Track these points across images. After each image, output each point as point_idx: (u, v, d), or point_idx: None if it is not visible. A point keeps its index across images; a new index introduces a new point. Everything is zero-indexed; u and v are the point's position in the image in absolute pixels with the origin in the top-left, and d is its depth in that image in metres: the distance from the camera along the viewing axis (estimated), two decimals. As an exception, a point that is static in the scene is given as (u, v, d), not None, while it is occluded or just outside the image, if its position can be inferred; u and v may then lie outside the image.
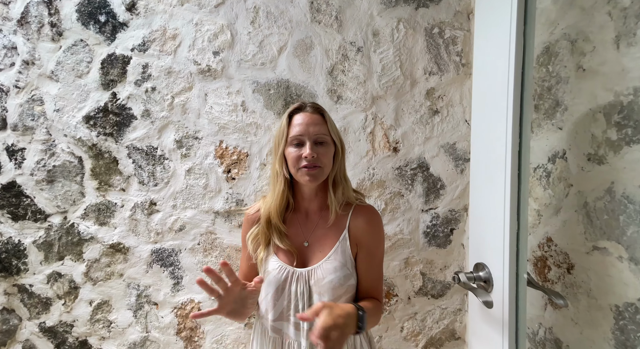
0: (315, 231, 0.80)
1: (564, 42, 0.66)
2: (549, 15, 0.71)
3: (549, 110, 0.71)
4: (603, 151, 0.57)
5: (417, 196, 1.18)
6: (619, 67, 0.54)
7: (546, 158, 0.72)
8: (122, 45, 1.19)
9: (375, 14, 1.14)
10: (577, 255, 0.63)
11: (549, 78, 0.71)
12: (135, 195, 1.22)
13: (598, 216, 0.58)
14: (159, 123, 1.20)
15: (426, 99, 1.16)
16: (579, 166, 0.63)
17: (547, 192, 0.71)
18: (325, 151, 0.74)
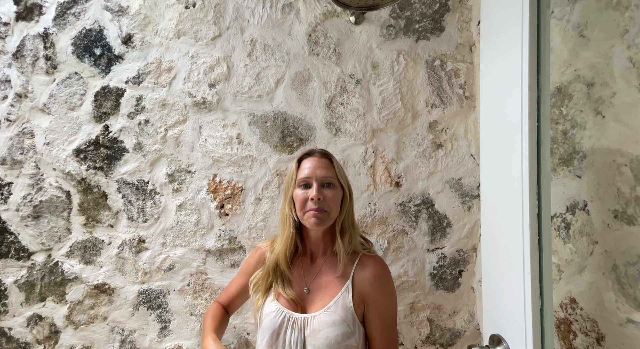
0: (318, 277, 0.78)
1: (579, 85, 0.61)
2: (560, 54, 0.66)
3: (564, 155, 0.65)
4: (633, 210, 0.51)
5: (422, 235, 1.10)
6: (645, 116, 0.49)
7: (564, 207, 0.65)
8: (116, 78, 1.16)
9: (375, 46, 1.12)
10: (608, 325, 0.55)
11: (563, 121, 0.65)
12: (123, 232, 1.15)
13: (631, 284, 0.51)
14: (151, 156, 1.15)
15: (429, 132, 1.11)
16: (604, 222, 0.56)
17: (568, 246, 0.64)
18: (332, 194, 0.75)
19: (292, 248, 0.79)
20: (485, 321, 0.68)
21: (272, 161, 1.15)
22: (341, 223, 0.77)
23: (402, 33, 1.11)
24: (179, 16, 1.15)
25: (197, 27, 1.15)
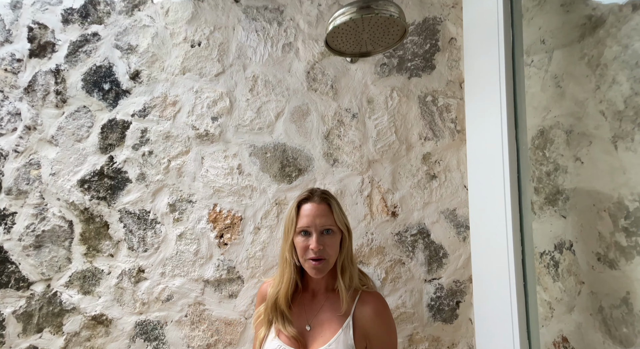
0: (319, 314, 0.79)
1: (558, 131, 0.65)
2: (541, 100, 0.71)
3: (549, 195, 0.68)
4: (614, 254, 0.53)
5: (419, 265, 1.12)
6: (620, 168, 0.52)
7: (552, 245, 0.68)
8: (123, 111, 1.21)
9: (369, 83, 1.18)
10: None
11: (546, 163, 0.69)
12: (123, 261, 1.17)
13: (616, 326, 0.53)
14: (153, 186, 1.19)
15: (423, 164, 1.15)
16: (589, 264, 0.59)
17: (557, 284, 0.66)
18: (331, 241, 0.77)
19: (292, 289, 0.81)
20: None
21: (272, 190, 1.18)
22: (342, 262, 0.79)
23: (395, 71, 1.17)
24: (185, 54, 1.22)
25: (201, 64, 1.21)
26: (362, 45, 0.80)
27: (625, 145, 0.51)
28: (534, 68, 0.73)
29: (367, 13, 0.63)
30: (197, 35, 1.22)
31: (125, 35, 1.23)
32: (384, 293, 1.11)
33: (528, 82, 0.75)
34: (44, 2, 1.26)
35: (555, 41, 0.67)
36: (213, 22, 1.22)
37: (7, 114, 1.22)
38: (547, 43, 0.70)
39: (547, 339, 0.70)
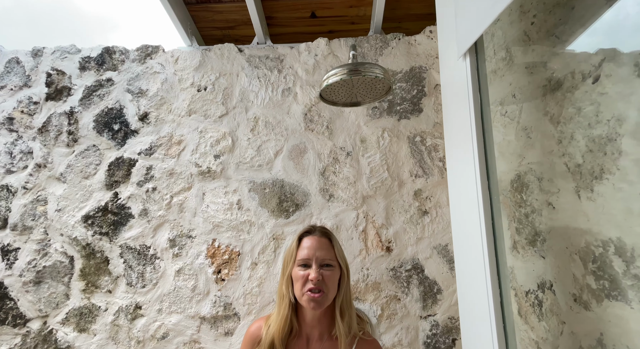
0: None
1: (531, 177, 0.72)
2: (515, 147, 0.78)
3: (529, 236, 0.73)
4: (587, 296, 0.57)
5: (415, 301, 1.13)
6: (585, 216, 0.57)
7: (535, 284, 0.71)
8: (130, 150, 1.29)
9: (362, 124, 1.26)
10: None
11: (524, 205, 0.74)
12: (121, 297, 1.17)
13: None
14: (155, 222, 1.22)
15: (414, 200, 1.20)
16: (567, 305, 0.62)
17: (542, 324, 0.69)
18: (330, 274, 0.75)
19: (287, 329, 0.77)
20: None
21: (269, 225, 1.22)
22: (340, 304, 0.76)
23: (386, 113, 1.27)
24: (192, 97, 1.31)
25: (207, 106, 1.31)
26: (353, 97, 0.88)
27: (586, 195, 0.57)
28: (507, 118, 0.81)
29: (356, 75, 0.72)
30: (203, 81, 1.33)
31: (137, 80, 1.34)
32: (381, 330, 1.11)
33: (504, 130, 0.83)
34: (63, 51, 1.38)
35: (524, 96, 0.75)
36: (219, 69, 1.33)
37: (19, 153, 1.29)
38: (517, 97, 0.78)
39: (538, 380, 0.71)
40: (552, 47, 0.66)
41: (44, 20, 2.28)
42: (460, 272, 0.77)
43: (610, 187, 0.52)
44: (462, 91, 0.70)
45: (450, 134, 0.82)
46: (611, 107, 0.52)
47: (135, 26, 1.51)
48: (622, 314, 0.51)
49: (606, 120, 0.53)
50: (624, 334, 0.51)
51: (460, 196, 0.75)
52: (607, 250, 0.53)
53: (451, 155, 0.82)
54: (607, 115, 0.53)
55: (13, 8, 2.28)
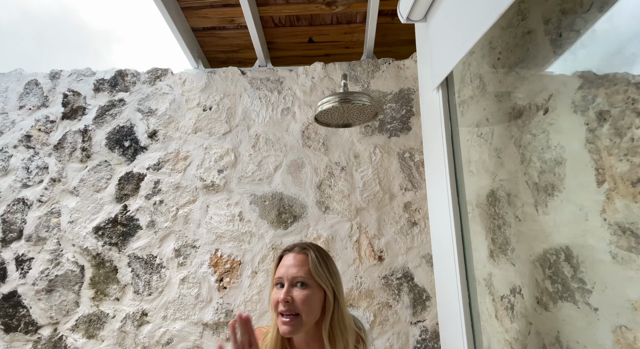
0: None
1: (502, 192, 0.80)
2: (489, 166, 0.87)
3: (502, 246, 0.81)
4: (546, 298, 0.65)
5: (405, 307, 1.20)
6: (542, 228, 0.66)
7: (508, 290, 0.79)
8: (139, 165, 1.38)
9: (356, 141, 1.36)
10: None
11: (497, 217, 0.83)
12: (128, 305, 1.24)
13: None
14: (161, 233, 1.30)
15: (404, 212, 1.29)
16: (532, 307, 0.69)
17: (514, 325, 0.76)
18: (303, 295, 0.66)
19: (280, 344, 0.69)
20: None
21: (269, 236, 1.30)
22: (328, 329, 0.68)
23: (377, 131, 1.37)
24: (197, 116, 1.42)
25: (211, 125, 1.41)
26: (345, 119, 0.98)
27: (542, 210, 0.65)
28: (482, 139, 0.90)
29: (346, 103, 0.82)
30: (208, 101, 1.43)
31: (147, 100, 1.44)
32: (373, 335, 1.18)
33: (480, 150, 0.92)
34: (79, 73, 1.49)
35: (495, 120, 0.85)
36: (223, 91, 1.44)
37: (35, 168, 1.38)
38: (489, 121, 0.88)
39: (513, 378, 0.78)
40: (514, 80, 0.76)
41: (50, 34, 2.42)
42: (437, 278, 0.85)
43: (559, 203, 0.61)
44: (436, 118, 0.80)
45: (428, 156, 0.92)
46: (557, 136, 0.61)
47: (144, 47, 1.62)
48: (572, 314, 0.59)
49: (554, 146, 0.62)
50: (575, 331, 0.58)
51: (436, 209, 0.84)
52: (559, 257, 0.62)
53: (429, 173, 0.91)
54: (554, 142, 0.62)
55: (20, 21, 2.42)
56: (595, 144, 0.52)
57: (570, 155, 0.58)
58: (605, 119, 0.50)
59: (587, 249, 0.55)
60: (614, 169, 0.49)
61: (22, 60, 1.36)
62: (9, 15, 1.89)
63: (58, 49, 1.86)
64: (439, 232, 0.84)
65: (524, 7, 0.72)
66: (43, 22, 1.83)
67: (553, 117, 0.62)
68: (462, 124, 1.02)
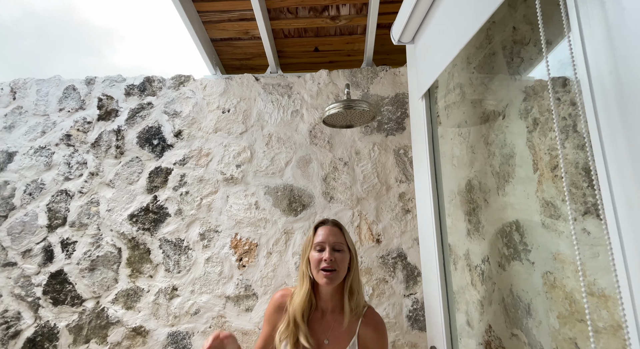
0: (332, 331, 0.92)
1: (475, 181, 0.99)
2: (467, 159, 1.06)
3: (476, 225, 1.00)
4: (503, 261, 0.84)
5: (399, 282, 1.39)
6: (501, 208, 0.85)
7: (480, 260, 0.98)
8: (167, 160, 1.57)
9: (357, 139, 1.55)
10: (506, 340, 0.84)
11: (472, 201, 1.02)
12: (160, 281, 1.44)
13: (508, 310, 0.81)
14: (188, 220, 1.50)
15: (399, 201, 1.48)
16: (495, 270, 0.88)
17: (483, 287, 0.95)
18: (341, 257, 0.90)
19: (308, 304, 0.90)
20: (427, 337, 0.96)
21: (281, 222, 1.49)
22: (350, 284, 0.90)
23: (376, 130, 1.56)
24: (217, 118, 1.61)
25: (230, 125, 1.60)
26: (348, 121, 1.17)
27: (502, 193, 0.84)
28: (462, 138, 1.09)
29: (348, 108, 1.01)
30: (227, 104, 1.62)
31: (172, 104, 1.63)
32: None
33: (460, 147, 1.11)
34: (112, 80, 1.68)
35: (471, 122, 1.04)
36: (239, 95, 1.63)
37: (76, 164, 1.58)
38: (467, 123, 1.07)
39: (481, 329, 0.97)
40: (483, 91, 0.95)
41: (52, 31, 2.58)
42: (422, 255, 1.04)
43: (512, 187, 0.80)
44: (421, 122, 0.99)
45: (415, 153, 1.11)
46: (510, 136, 0.80)
47: (148, 46, 1.81)
48: (519, 269, 0.78)
49: (508, 144, 0.81)
50: (521, 282, 0.78)
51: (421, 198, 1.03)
52: (512, 228, 0.81)
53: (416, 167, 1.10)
54: (508, 140, 0.81)
55: (22, 19, 2.59)
56: (532, 142, 0.71)
57: (518, 151, 0.77)
58: (537, 124, 0.69)
59: (528, 220, 0.75)
60: (542, 160, 0.68)
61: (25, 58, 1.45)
62: (11, 13, 2.02)
63: (60, 46, 1.98)
64: (423, 217, 1.03)
65: (491, 33, 0.90)
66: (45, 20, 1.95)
67: (508, 122, 0.81)
68: (447, 125, 1.21)
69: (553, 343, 0.65)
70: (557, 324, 0.63)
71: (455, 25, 0.74)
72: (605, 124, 0.36)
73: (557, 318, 0.63)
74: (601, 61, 0.37)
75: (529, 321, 0.74)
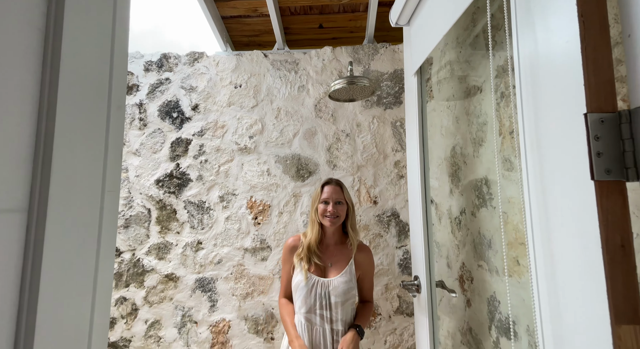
0: (333, 257, 1.24)
1: (458, 147, 1.17)
2: (452, 130, 1.23)
3: (456, 183, 1.20)
4: (474, 209, 1.04)
5: (392, 237, 1.62)
6: (475, 167, 1.04)
7: (459, 212, 1.19)
8: (186, 132, 1.74)
9: (358, 112, 1.71)
10: (474, 271, 1.06)
11: (454, 163, 1.21)
12: (186, 236, 1.67)
13: (476, 247, 1.03)
14: (208, 184, 1.70)
15: (394, 168, 1.67)
16: (469, 218, 1.09)
17: (460, 234, 1.17)
18: (341, 208, 1.23)
19: (319, 239, 1.23)
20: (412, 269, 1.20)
21: (290, 187, 1.69)
22: (349, 225, 1.25)
23: (375, 104, 1.71)
24: (230, 93, 1.75)
25: (242, 99, 1.75)
26: (350, 95, 1.33)
27: (476, 155, 1.02)
28: (449, 110, 1.26)
29: (351, 84, 1.17)
30: (238, 80, 1.76)
31: (188, 79, 1.77)
32: (369, 256, 1.61)
33: (447, 118, 1.28)
34: (131, 56, 1.80)
35: (457, 96, 1.20)
36: (250, 71, 1.77)
37: (104, 134, 1.75)
38: (454, 96, 1.23)
39: (457, 267, 1.19)
40: (467, 68, 1.10)
41: None
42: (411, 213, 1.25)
43: (484, 150, 0.99)
44: (413, 97, 1.15)
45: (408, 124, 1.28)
46: (484, 107, 0.97)
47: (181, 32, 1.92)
48: (485, 214, 0.98)
49: (482, 114, 0.98)
50: (486, 224, 0.98)
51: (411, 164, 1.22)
52: (482, 183, 1.00)
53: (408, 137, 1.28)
54: (483, 111, 0.98)
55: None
56: (499, 112, 0.89)
57: (489, 119, 0.95)
58: (503, 97, 0.86)
59: (493, 174, 0.94)
60: (504, 126, 0.86)
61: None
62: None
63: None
64: (412, 181, 1.22)
65: (475, 17, 1.04)
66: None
67: (484, 95, 0.98)
68: (439, 99, 1.37)
69: (502, 262, 0.87)
70: (506, 249, 0.84)
71: (443, 11, 0.89)
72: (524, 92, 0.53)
73: (507, 245, 0.85)
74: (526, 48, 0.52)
75: (489, 252, 0.96)
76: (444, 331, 1.31)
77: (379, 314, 1.58)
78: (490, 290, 0.95)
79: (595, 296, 0.40)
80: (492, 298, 0.95)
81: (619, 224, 0.39)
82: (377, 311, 1.58)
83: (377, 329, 1.56)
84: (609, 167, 0.40)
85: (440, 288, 1.07)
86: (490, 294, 0.95)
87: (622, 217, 0.40)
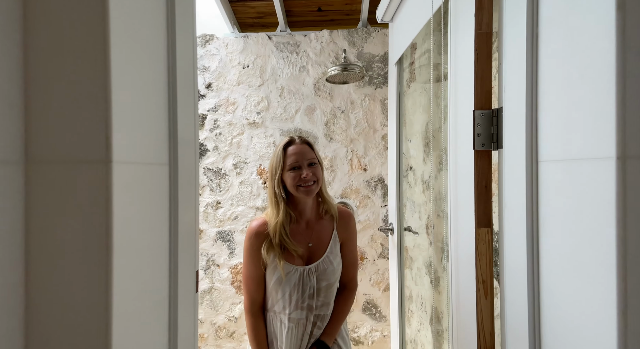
0: (314, 234, 1.03)
1: (430, 123, 1.46)
2: (426, 108, 1.51)
3: (427, 152, 1.50)
4: (437, 171, 1.36)
5: (378, 198, 1.96)
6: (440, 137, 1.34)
7: (428, 176, 1.50)
8: (202, 108, 2.00)
9: (352, 92, 1.96)
10: (434, 219, 1.41)
11: (426, 137, 1.50)
12: (207, 197, 2.00)
13: (437, 200, 1.36)
14: (223, 154, 1.99)
15: (382, 140, 1.96)
16: (434, 179, 1.41)
17: (427, 192, 1.49)
18: (316, 170, 0.99)
19: (287, 219, 0.96)
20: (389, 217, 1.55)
21: (293, 156, 1.99)
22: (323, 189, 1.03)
23: (367, 84, 1.95)
24: (239, 73, 1.98)
25: (249, 79, 1.98)
26: (344, 79, 1.58)
27: (441, 129, 1.32)
28: (426, 92, 1.52)
29: (345, 70, 1.42)
30: (246, 61, 1.98)
31: (201, 60, 1.99)
32: (359, 214, 1.96)
33: (424, 99, 1.55)
34: (148, 38, 2.00)
35: (432, 80, 1.46)
36: (256, 52, 1.98)
37: (130, 110, 2.00)
38: (430, 80, 1.49)
39: (424, 218, 1.55)
40: (438, 57, 1.35)
41: None
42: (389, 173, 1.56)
43: (445, 125, 1.27)
44: (394, 82, 1.41)
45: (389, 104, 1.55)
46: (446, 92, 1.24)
47: None
48: (444, 174, 1.30)
49: (446, 97, 1.26)
50: (444, 181, 1.30)
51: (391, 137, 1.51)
52: (442, 151, 1.30)
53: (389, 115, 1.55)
54: (446, 95, 1.25)
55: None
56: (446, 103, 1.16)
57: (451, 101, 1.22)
58: (457, 86, 1.13)
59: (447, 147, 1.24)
60: (457, 109, 1.13)
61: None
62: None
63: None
64: (391, 151, 1.52)
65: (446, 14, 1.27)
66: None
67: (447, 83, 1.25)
68: (419, 81, 1.62)
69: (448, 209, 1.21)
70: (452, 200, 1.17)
71: (416, 14, 1.12)
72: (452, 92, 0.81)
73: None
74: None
75: (445, 203, 1.29)
76: (415, 268, 1.69)
77: (365, 258, 1.96)
78: (443, 232, 1.30)
79: (469, 211, 0.72)
80: (445, 237, 1.29)
81: (485, 174, 0.70)
82: (364, 256, 1.96)
83: (364, 270, 1.96)
84: (483, 142, 0.70)
85: (407, 230, 1.42)
86: (443, 234, 1.30)
87: (487, 170, 0.70)
